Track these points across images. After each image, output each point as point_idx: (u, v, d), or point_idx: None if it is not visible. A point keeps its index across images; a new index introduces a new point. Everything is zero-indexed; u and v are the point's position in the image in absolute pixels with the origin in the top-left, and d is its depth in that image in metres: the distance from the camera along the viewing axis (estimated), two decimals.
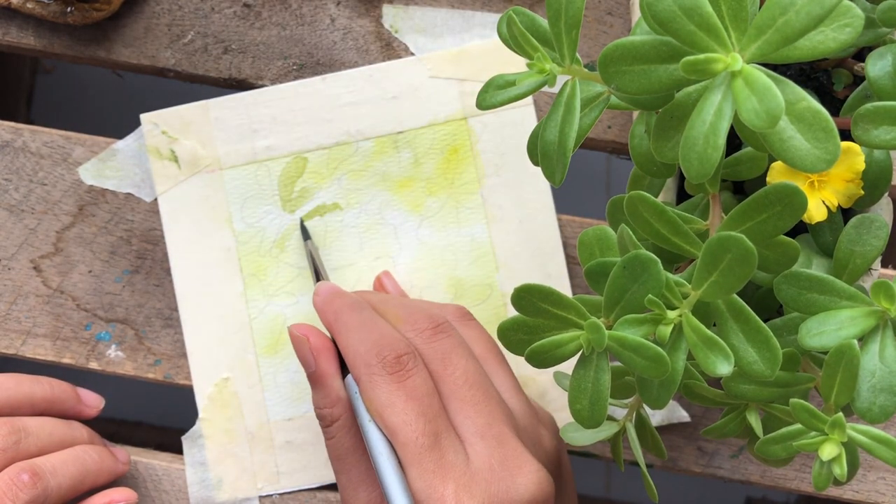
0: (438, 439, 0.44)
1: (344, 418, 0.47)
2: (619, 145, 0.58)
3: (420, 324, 0.48)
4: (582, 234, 0.41)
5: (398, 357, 0.45)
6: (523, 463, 0.44)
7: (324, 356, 0.48)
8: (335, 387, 0.48)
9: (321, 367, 0.48)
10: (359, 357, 0.46)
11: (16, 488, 0.49)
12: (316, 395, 0.48)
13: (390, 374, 0.45)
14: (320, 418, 0.48)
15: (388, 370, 0.45)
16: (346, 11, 0.58)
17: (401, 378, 0.45)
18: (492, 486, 0.43)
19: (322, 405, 0.48)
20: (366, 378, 0.45)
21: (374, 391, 0.45)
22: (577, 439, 0.44)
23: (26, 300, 0.58)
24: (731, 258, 0.34)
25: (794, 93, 0.32)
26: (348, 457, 0.47)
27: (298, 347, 0.49)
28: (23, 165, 0.58)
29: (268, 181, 0.57)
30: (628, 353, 0.36)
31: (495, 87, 0.40)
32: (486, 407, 0.46)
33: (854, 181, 0.40)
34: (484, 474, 0.44)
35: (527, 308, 0.38)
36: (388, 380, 0.45)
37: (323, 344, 0.48)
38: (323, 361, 0.48)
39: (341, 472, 0.47)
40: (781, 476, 0.57)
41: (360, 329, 0.47)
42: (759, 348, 0.36)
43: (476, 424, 0.45)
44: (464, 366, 0.46)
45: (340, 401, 0.47)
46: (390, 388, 0.44)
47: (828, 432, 0.36)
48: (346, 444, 0.47)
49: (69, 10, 0.57)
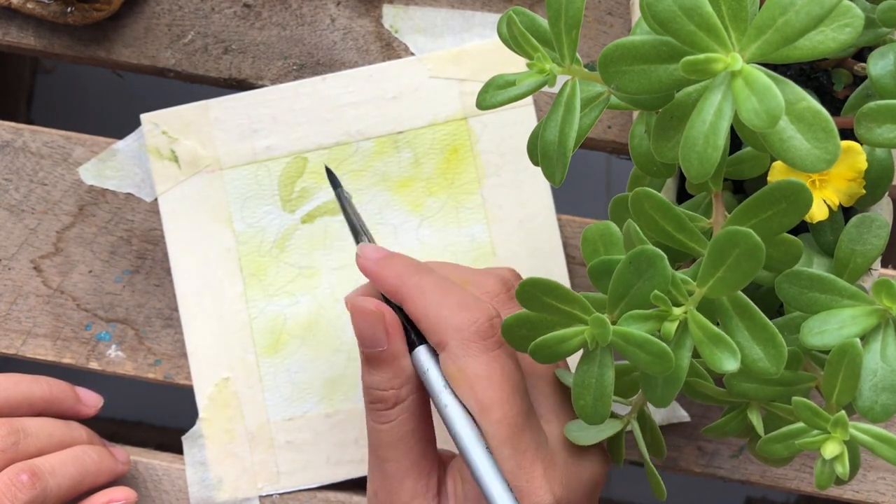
0: (528, 418, 0.42)
1: (411, 399, 0.44)
2: (619, 145, 0.58)
3: (491, 287, 0.45)
4: (585, 231, 0.41)
5: (490, 321, 0.42)
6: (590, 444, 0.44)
7: (398, 333, 0.44)
8: (406, 367, 0.44)
9: (395, 345, 0.43)
10: (446, 322, 0.42)
11: (15, 489, 0.49)
12: (379, 377, 0.44)
13: (484, 341, 0.42)
14: (380, 400, 0.44)
15: (483, 336, 0.42)
16: (346, 11, 0.58)
17: (494, 346, 0.42)
18: (568, 468, 0.43)
19: (388, 386, 0.43)
20: (457, 345, 0.42)
21: (468, 360, 0.41)
22: (580, 438, 0.44)
23: (26, 300, 0.58)
24: (739, 253, 0.34)
25: (794, 93, 0.32)
26: (402, 443, 0.44)
27: (370, 323, 0.43)
28: (23, 165, 0.58)
29: (268, 181, 0.57)
30: (633, 348, 0.36)
31: (495, 87, 0.40)
32: (558, 386, 0.44)
33: (855, 180, 0.40)
34: (561, 454, 0.43)
35: (532, 302, 0.38)
36: (483, 347, 0.42)
37: (396, 320, 0.44)
38: (398, 339, 0.44)
39: (390, 461, 0.44)
40: (781, 476, 0.57)
41: (437, 292, 0.43)
42: (764, 345, 0.36)
43: (552, 402, 0.44)
44: None
45: (410, 382, 0.44)
46: (487, 359, 0.41)
47: (830, 431, 0.36)
48: (405, 428, 0.44)
49: (69, 10, 0.57)
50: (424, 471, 0.44)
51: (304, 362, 0.57)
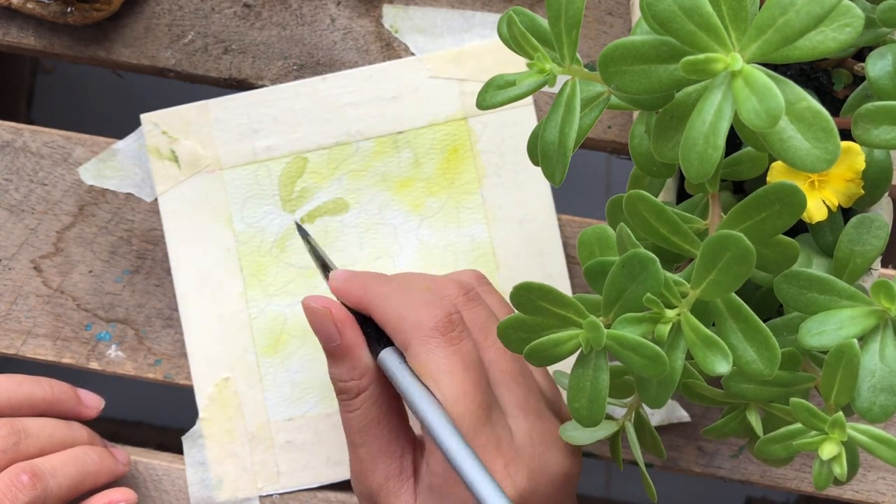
0: (490, 412, 0.43)
1: (371, 389, 0.46)
2: (619, 145, 0.58)
3: (450, 290, 0.47)
4: (581, 234, 0.41)
5: (449, 317, 0.44)
6: (559, 437, 0.44)
7: (349, 327, 0.46)
8: (363, 357, 0.46)
9: (347, 338, 0.46)
10: (406, 321, 0.44)
11: (15, 489, 0.49)
12: (340, 368, 0.46)
13: (444, 337, 0.43)
14: (344, 391, 0.46)
15: (442, 332, 0.43)
16: (347, 11, 0.58)
17: (454, 341, 0.43)
18: (533, 462, 0.44)
19: (348, 377, 0.46)
20: (418, 342, 0.43)
21: (429, 356, 0.43)
22: (575, 438, 0.44)
23: (26, 300, 0.58)
24: (730, 257, 0.34)
25: (794, 93, 0.32)
26: (371, 428, 0.46)
27: (320, 320, 0.46)
28: (23, 165, 0.58)
29: (268, 181, 0.57)
30: (627, 351, 0.36)
31: (495, 87, 0.40)
32: (524, 380, 0.45)
33: (854, 181, 0.40)
34: (526, 449, 0.44)
35: (526, 306, 0.38)
36: (443, 342, 0.43)
37: (346, 315, 0.46)
38: (349, 332, 0.46)
39: (362, 445, 0.46)
40: (781, 476, 0.57)
41: (397, 296, 0.46)
42: (757, 347, 0.36)
43: (516, 397, 0.45)
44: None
45: (369, 371, 0.46)
46: (447, 353, 0.43)
47: (828, 431, 0.36)
48: (371, 415, 0.46)
49: (69, 10, 0.57)
50: (396, 453, 0.46)
51: (305, 362, 0.57)
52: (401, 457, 0.46)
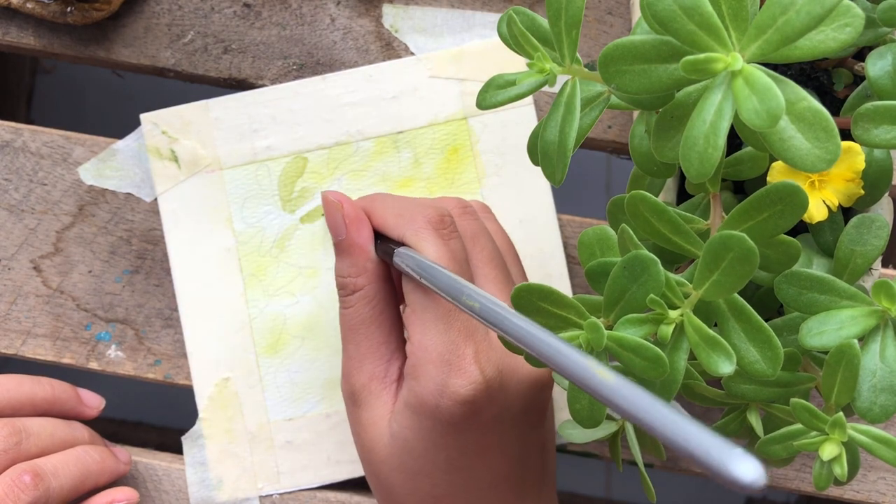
0: None
1: (367, 289, 0.47)
2: (619, 145, 0.58)
3: (450, 203, 0.49)
4: (582, 234, 0.41)
5: (441, 216, 0.46)
6: None
7: (356, 225, 0.48)
8: (364, 256, 0.48)
9: (352, 235, 0.48)
10: (402, 218, 0.47)
11: (17, 489, 0.49)
12: (342, 263, 0.48)
13: (435, 230, 0.46)
14: (342, 287, 0.48)
15: (435, 226, 0.46)
16: (346, 11, 0.58)
17: (445, 236, 0.46)
18: (505, 358, 0.45)
19: (347, 273, 0.48)
20: (412, 233, 0.46)
21: (421, 244, 0.45)
22: (574, 436, 0.44)
23: (26, 300, 0.58)
24: (733, 257, 0.34)
25: (795, 92, 0.32)
26: (362, 327, 0.48)
27: (331, 212, 0.48)
28: (23, 165, 0.58)
29: (268, 181, 0.57)
30: (627, 353, 0.36)
31: (495, 86, 0.40)
32: (507, 287, 0.47)
33: (854, 181, 0.40)
34: (499, 344, 0.45)
35: (526, 307, 0.38)
36: (434, 234, 0.46)
37: (357, 214, 0.48)
38: (354, 230, 0.48)
39: (352, 342, 0.48)
40: (782, 476, 0.57)
41: (398, 201, 0.48)
42: (760, 347, 0.36)
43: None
44: (490, 247, 0.48)
45: (367, 271, 0.47)
46: (437, 244, 0.45)
47: (828, 432, 0.36)
48: (363, 314, 0.47)
49: (69, 10, 0.57)
50: (384, 356, 0.48)
51: (305, 362, 0.57)
52: (388, 361, 0.48)
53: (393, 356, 0.48)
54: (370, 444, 0.47)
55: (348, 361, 0.48)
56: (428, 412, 0.45)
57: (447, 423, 0.44)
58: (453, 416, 0.44)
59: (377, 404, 0.47)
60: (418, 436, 0.45)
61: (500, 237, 0.51)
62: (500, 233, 0.52)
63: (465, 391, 0.44)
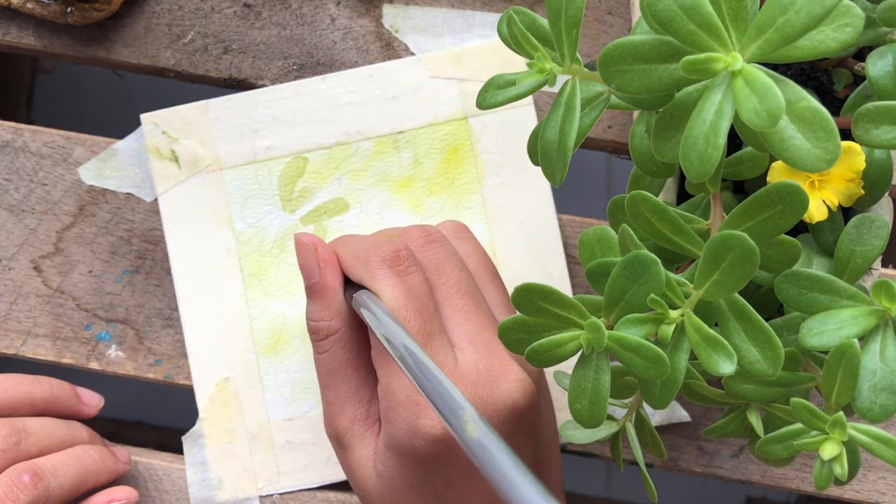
0: (431, 339, 0.45)
1: (341, 332, 0.47)
2: (619, 145, 0.58)
3: (413, 234, 0.49)
4: (582, 234, 0.41)
5: (396, 252, 0.46)
6: (508, 370, 0.45)
7: (330, 268, 0.48)
8: (336, 299, 0.47)
9: (325, 278, 0.48)
10: (358, 259, 0.46)
11: (17, 489, 0.49)
12: (314, 307, 0.48)
13: (390, 269, 0.45)
14: (315, 331, 0.48)
15: (389, 264, 0.45)
16: (347, 11, 0.58)
17: (400, 273, 0.45)
18: (477, 389, 0.45)
19: (319, 317, 0.48)
20: (367, 274, 0.45)
21: (375, 285, 0.45)
22: (575, 437, 0.44)
23: (26, 300, 0.58)
24: (734, 257, 0.34)
25: (795, 92, 0.32)
26: (339, 371, 0.47)
27: (304, 255, 0.48)
28: (23, 165, 0.58)
29: (268, 181, 0.57)
30: (628, 353, 0.36)
31: (495, 86, 0.40)
32: (476, 316, 0.46)
33: (854, 180, 0.40)
34: (470, 377, 0.45)
35: (527, 307, 0.38)
36: (389, 273, 0.45)
37: (330, 257, 0.48)
38: (328, 273, 0.48)
39: (329, 388, 0.48)
40: (782, 476, 0.57)
41: (358, 241, 0.48)
42: (761, 347, 0.36)
43: (466, 331, 0.46)
44: (457, 275, 0.47)
45: (340, 314, 0.47)
46: (392, 282, 0.45)
47: (828, 432, 0.36)
48: (339, 358, 0.47)
49: (69, 10, 0.57)
50: (364, 399, 0.47)
51: (305, 362, 0.57)
52: (368, 402, 0.48)
53: (373, 396, 0.48)
54: (362, 484, 0.47)
55: (329, 406, 0.48)
56: (406, 452, 0.44)
57: (426, 461, 0.44)
58: (429, 454, 0.44)
59: (361, 446, 0.47)
60: (402, 474, 0.45)
61: (474, 258, 0.50)
62: (474, 253, 0.50)
63: (436, 431, 0.44)
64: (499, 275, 0.51)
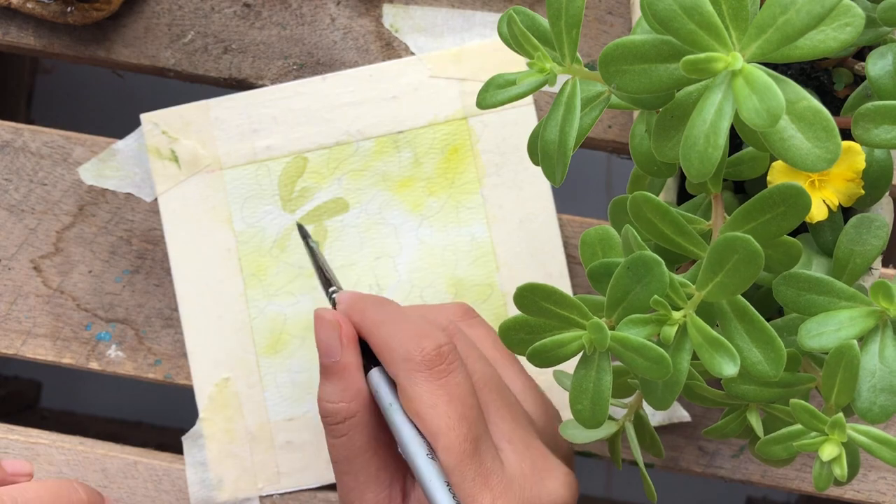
0: (478, 445, 0.42)
1: (360, 415, 0.44)
2: (619, 145, 0.58)
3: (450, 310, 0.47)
4: (584, 234, 0.41)
5: (438, 349, 0.43)
6: (552, 467, 0.44)
7: (352, 347, 0.45)
8: (357, 380, 0.45)
9: (348, 356, 0.45)
10: (395, 354, 0.43)
11: None
12: (331, 388, 0.45)
13: (430, 370, 0.42)
14: (331, 414, 0.45)
15: (429, 365, 0.43)
16: (347, 11, 0.58)
17: (441, 374, 0.43)
18: (525, 493, 0.43)
19: (338, 399, 0.44)
20: (404, 374, 0.43)
21: (415, 389, 0.42)
22: (575, 437, 0.44)
23: (26, 300, 0.58)
24: (738, 259, 0.34)
25: (795, 92, 0.32)
26: (359, 457, 0.45)
27: (327, 332, 0.45)
28: (23, 165, 0.58)
29: (268, 181, 0.57)
30: (630, 353, 0.36)
31: (496, 86, 0.39)
32: (508, 412, 0.45)
33: (855, 180, 0.40)
34: (518, 480, 0.43)
35: (529, 307, 0.38)
36: (429, 376, 0.42)
37: (353, 334, 0.45)
38: (350, 352, 0.45)
39: (348, 473, 0.45)
40: (782, 476, 0.57)
41: (391, 324, 0.45)
42: (763, 348, 0.36)
43: (501, 430, 0.44)
44: (480, 370, 0.45)
45: (360, 396, 0.44)
46: (431, 388, 0.42)
47: (828, 432, 0.36)
48: (358, 442, 0.44)
49: (69, 10, 0.57)
50: (385, 482, 0.45)
51: (305, 362, 0.57)
52: (389, 485, 0.45)
53: (394, 478, 0.45)
54: None
55: (347, 493, 0.45)
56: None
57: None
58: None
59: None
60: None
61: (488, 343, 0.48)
62: (487, 337, 0.48)
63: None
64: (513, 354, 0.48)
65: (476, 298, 0.57)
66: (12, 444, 0.57)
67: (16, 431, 0.58)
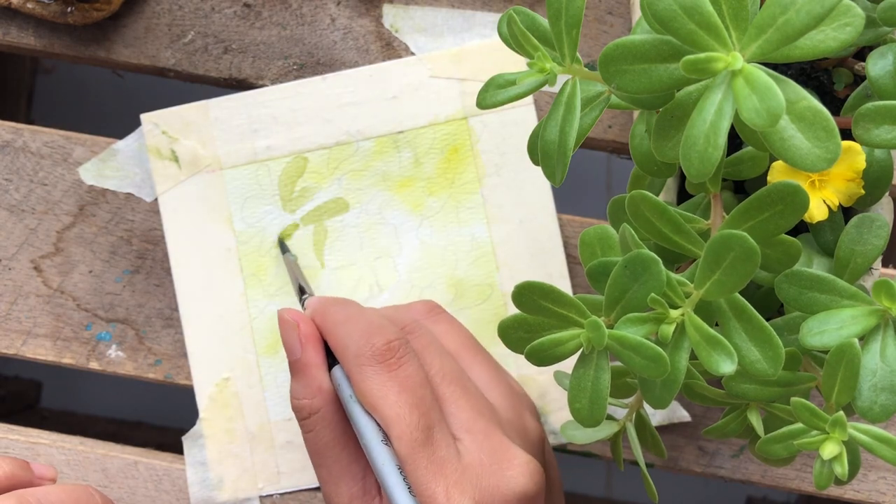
0: (431, 433, 0.43)
1: (324, 411, 0.46)
2: (619, 145, 0.58)
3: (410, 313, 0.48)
4: (583, 234, 0.41)
5: (388, 343, 0.44)
6: (513, 456, 0.44)
7: (311, 345, 0.47)
8: (318, 377, 0.46)
9: (307, 355, 0.46)
10: (348, 349, 0.45)
11: None
12: (296, 385, 0.47)
13: (379, 364, 0.44)
14: (298, 409, 0.47)
15: (378, 359, 0.44)
16: (347, 11, 0.58)
17: (391, 367, 0.44)
18: (483, 481, 0.43)
19: (301, 395, 0.46)
20: (356, 370, 0.44)
21: (366, 382, 0.44)
22: (576, 437, 0.44)
23: (27, 300, 0.58)
24: (734, 257, 0.34)
25: (795, 92, 0.32)
26: (327, 451, 0.46)
27: (287, 332, 0.47)
28: (23, 165, 0.58)
29: (268, 181, 0.57)
30: (628, 352, 0.36)
31: (496, 86, 0.40)
32: (467, 402, 0.45)
33: (855, 180, 0.40)
34: (475, 469, 0.43)
35: (527, 306, 0.38)
36: (379, 370, 0.44)
37: (312, 333, 0.47)
38: (310, 350, 0.46)
39: (322, 466, 0.46)
40: (782, 476, 0.57)
41: (346, 322, 0.46)
42: (761, 347, 0.36)
43: (460, 420, 0.45)
44: (438, 364, 0.46)
45: (322, 392, 0.46)
46: (382, 380, 0.44)
47: (829, 431, 0.36)
48: (324, 437, 0.46)
49: (69, 10, 0.57)
50: (357, 475, 0.46)
51: None
52: (363, 477, 0.46)
53: (367, 471, 0.46)
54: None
55: (325, 485, 0.47)
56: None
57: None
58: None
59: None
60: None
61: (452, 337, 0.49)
62: (450, 332, 0.49)
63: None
64: (481, 347, 0.50)
65: (476, 298, 0.57)
66: (13, 444, 0.57)
67: (16, 431, 0.58)
